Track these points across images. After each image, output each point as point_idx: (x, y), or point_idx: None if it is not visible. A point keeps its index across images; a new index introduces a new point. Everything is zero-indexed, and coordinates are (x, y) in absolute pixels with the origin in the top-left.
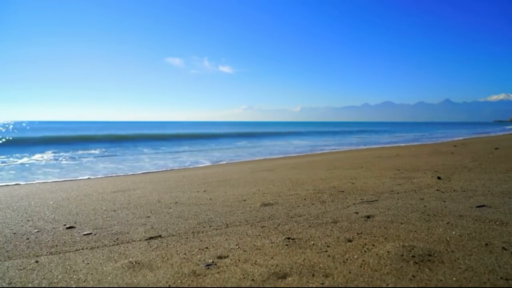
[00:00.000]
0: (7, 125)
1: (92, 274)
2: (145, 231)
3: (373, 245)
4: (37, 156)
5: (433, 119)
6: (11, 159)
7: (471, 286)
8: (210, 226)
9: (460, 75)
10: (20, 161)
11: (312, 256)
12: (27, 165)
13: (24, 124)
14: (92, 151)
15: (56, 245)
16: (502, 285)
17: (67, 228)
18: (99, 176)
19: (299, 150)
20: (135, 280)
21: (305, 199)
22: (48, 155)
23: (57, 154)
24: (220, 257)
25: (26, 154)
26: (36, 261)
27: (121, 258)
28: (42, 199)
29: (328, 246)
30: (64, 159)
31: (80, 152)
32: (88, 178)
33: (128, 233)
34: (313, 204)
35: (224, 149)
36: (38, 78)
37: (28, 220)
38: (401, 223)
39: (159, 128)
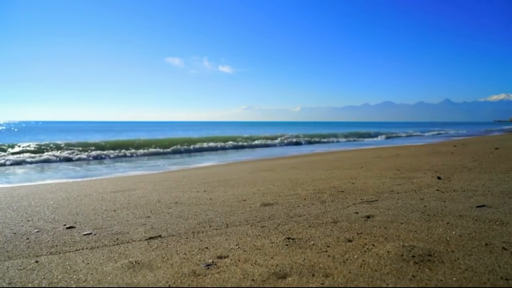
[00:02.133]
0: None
1: (92, 274)
2: (145, 231)
3: (373, 245)
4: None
5: (433, 119)
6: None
7: (471, 286)
8: (210, 226)
9: (460, 75)
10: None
11: (312, 256)
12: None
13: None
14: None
15: (56, 245)
16: (502, 285)
17: (67, 228)
18: (99, 177)
19: (298, 150)
20: (135, 280)
21: (305, 199)
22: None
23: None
24: (220, 257)
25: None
26: (36, 261)
27: (121, 258)
28: (42, 199)
29: (328, 246)
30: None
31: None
32: (88, 178)
33: (128, 233)
34: (313, 204)
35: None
36: (38, 78)
37: (28, 220)
38: (401, 223)
39: (154, 131)
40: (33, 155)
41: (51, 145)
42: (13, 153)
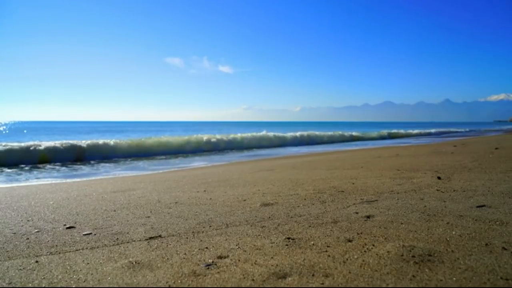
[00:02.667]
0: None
1: (92, 274)
2: (145, 231)
3: (373, 245)
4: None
5: (433, 119)
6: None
7: (471, 286)
8: (210, 226)
9: (460, 75)
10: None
11: (312, 256)
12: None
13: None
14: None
15: (56, 245)
16: (502, 285)
17: (67, 228)
18: (99, 177)
19: (298, 150)
20: (135, 280)
21: (305, 199)
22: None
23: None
24: (220, 257)
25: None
26: (36, 261)
27: (121, 258)
28: (42, 199)
29: (328, 246)
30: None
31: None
32: (88, 178)
33: (128, 233)
34: (313, 204)
35: None
36: (37, 78)
37: (28, 220)
38: (401, 223)
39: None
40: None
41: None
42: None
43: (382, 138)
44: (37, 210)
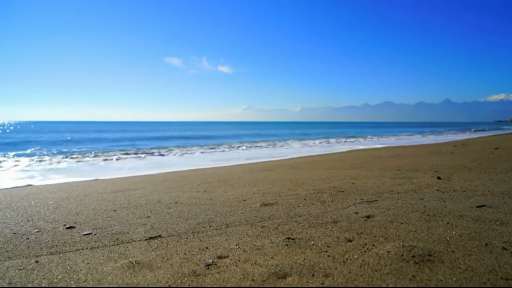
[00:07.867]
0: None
1: (92, 274)
2: (145, 231)
3: (373, 245)
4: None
5: (433, 119)
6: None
7: (471, 286)
8: (210, 226)
9: (460, 75)
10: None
11: (312, 256)
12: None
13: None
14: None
15: (56, 245)
16: (502, 285)
17: (67, 228)
18: (99, 177)
19: (299, 150)
20: (135, 280)
21: (305, 199)
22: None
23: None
24: (220, 257)
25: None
26: (36, 261)
27: (121, 258)
28: (42, 199)
29: (328, 246)
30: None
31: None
32: (88, 178)
33: (128, 233)
34: (313, 204)
35: None
36: (37, 78)
37: (28, 220)
38: (401, 223)
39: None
40: None
41: None
42: None
43: None
44: (37, 210)
